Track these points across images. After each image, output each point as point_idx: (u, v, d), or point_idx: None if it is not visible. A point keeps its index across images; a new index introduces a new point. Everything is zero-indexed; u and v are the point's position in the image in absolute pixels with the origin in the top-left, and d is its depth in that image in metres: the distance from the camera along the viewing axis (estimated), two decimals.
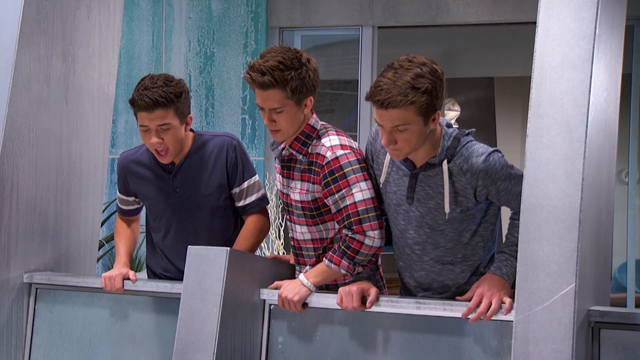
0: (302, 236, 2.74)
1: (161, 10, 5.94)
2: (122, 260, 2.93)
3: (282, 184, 2.78)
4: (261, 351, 2.64)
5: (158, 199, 2.93)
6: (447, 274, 2.58)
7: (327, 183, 2.58)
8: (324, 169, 2.59)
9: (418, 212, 2.53)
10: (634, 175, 5.83)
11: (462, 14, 5.60)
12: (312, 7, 5.81)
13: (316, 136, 2.67)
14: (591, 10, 2.21)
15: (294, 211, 2.73)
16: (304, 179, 2.66)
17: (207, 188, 2.88)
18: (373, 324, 2.52)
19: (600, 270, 2.42)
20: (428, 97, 2.32)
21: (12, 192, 2.87)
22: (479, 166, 2.41)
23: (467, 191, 2.45)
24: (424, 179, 2.50)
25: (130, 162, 2.97)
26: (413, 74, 2.32)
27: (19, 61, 2.87)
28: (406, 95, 2.30)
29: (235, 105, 5.80)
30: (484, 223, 2.55)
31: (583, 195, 2.14)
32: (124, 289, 2.82)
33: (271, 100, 2.56)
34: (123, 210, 3.08)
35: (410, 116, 2.33)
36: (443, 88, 2.38)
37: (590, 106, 2.17)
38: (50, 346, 2.96)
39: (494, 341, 2.36)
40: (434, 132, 2.45)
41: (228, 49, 5.82)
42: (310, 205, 2.67)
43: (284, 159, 2.74)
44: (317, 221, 2.70)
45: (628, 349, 2.25)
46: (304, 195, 2.67)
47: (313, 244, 2.73)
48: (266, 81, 2.52)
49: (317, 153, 2.62)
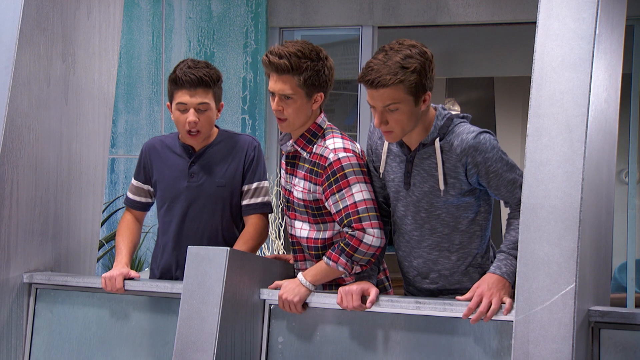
0: (301, 232, 2.77)
1: (161, 10, 5.94)
2: (123, 259, 2.91)
3: (286, 180, 2.82)
4: (261, 351, 2.64)
5: (173, 181, 2.97)
6: (444, 262, 2.59)
7: (330, 184, 2.62)
8: (327, 170, 2.63)
9: (415, 196, 2.57)
10: (634, 175, 5.83)
11: (462, 14, 5.60)
12: (312, 7, 5.81)
13: (321, 135, 2.71)
14: (591, 10, 2.21)
15: (296, 208, 2.76)
16: (307, 178, 2.70)
17: (222, 179, 2.95)
18: (373, 324, 2.52)
19: (600, 270, 2.42)
20: (417, 77, 2.40)
21: (12, 192, 2.87)
22: (469, 142, 2.45)
23: (459, 170, 2.48)
24: (419, 163, 2.55)
25: (159, 142, 3.04)
26: (402, 55, 2.40)
27: (19, 61, 2.87)
28: (395, 74, 2.39)
29: (235, 105, 5.80)
30: (482, 212, 2.57)
31: (583, 195, 2.14)
32: (125, 289, 2.81)
33: (283, 85, 2.61)
34: (133, 202, 3.06)
35: (400, 95, 2.41)
36: (432, 69, 2.46)
37: (590, 106, 2.17)
38: (50, 346, 2.96)
39: (494, 341, 2.36)
40: (426, 114, 2.51)
41: (228, 49, 5.82)
42: (312, 204, 2.71)
43: (289, 155, 2.79)
44: (319, 220, 2.73)
45: (628, 349, 2.25)
46: (306, 195, 2.71)
47: (314, 243, 2.75)
48: (282, 64, 2.59)
49: (320, 154, 2.66)
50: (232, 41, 5.82)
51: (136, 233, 3.05)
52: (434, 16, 5.63)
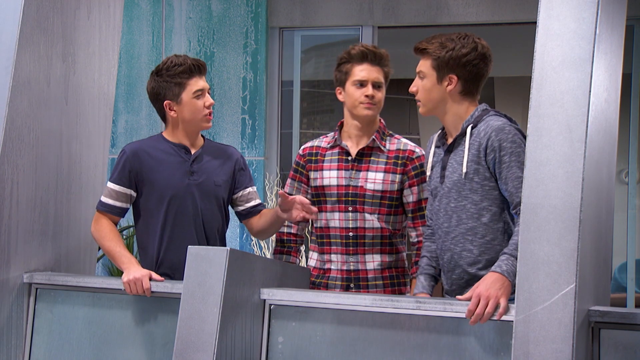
0: (369, 224, 3.02)
1: (161, 10, 5.94)
2: (133, 260, 2.86)
3: (345, 177, 3.05)
4: (261, 351, 2.64)
5: (172, 180, 3.00)
6: (467, 256, 2.62)
7: (419, 173, 3.04)
8: (414, 161, 3.05)
9: (447, 187, 2.67)
10: (634, 175, 5.83)
11: (462, 14, 5.60)
12: (312, 7, 5.81)
13: (388, 134, 3.11)
14: (591, 10, 2.21)
15: (366, 200, 3.01)
16: (388, 170, 3.03)
17: (219, 178, 3.07)
18: (373, 323, 2.52)
19: (600, 270, 2.42)
20: (446, 55, 2.61)
21: (12, 192, 2.87)
22: (494, 125, 2.57)
23: (481, 156, 2.57)
24: (453, 156, 2.66)
25: (143, 146, 3.06)
26: (457, 37, 2.64)
27: (19, 61, 2.87)
28: (431, 45, 2.64)
29: (235, 105, 5.80)
30: (506, 209, 2.61)
31: (583, 195, 2.14)
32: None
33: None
34: (113, 208, 3.00)
35: (427, 67, 2.66)
36: (471, 63, 2.63)
37: (590, 106, 2.17)
38: (50, 346, 2.96)
39: (494, 341, 2.36)
40: (458, 102, 2.67)
41: (228, 49, 5.82)
42: (393, 195, 3.02)
43: (360, 151, 3.05)
44: (391, 212, 3.04)
45: (628, 349, 2.25)
46: (387, 185, 3.02)
47: (381, 232, 3.02)
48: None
49: (402, 149, 3.05)
50: (232, 41, 5.82)
51: (120, 238, 3.01)
52: (434, 16, 5.63)
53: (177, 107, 3.01)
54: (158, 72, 3.02)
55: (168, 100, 3.00)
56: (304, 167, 3.16)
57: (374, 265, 3.03)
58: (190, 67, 3.00)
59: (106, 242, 2.94)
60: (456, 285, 2.68)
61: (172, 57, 3.05)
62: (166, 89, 3.00)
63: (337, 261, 3.05)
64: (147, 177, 3.01)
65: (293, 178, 3.18)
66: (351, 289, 3.02)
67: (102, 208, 3.02)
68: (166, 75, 2.99)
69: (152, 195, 3.01)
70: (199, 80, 3.02)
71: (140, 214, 3.06)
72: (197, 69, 3.01)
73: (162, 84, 3.00)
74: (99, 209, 3.03)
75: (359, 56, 3.03)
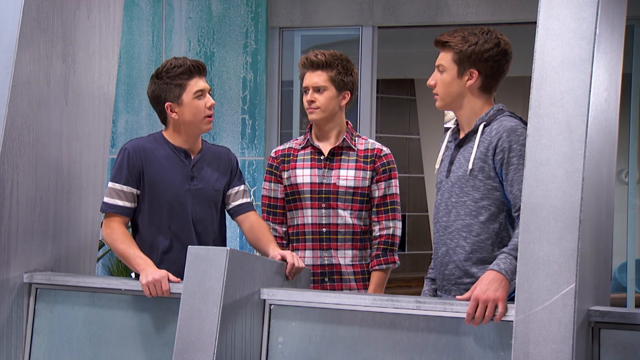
0: (342, 220, 3.16)
1: (161, 10, 5.94)
2: (148, 262, 2.81)
3: (317, 175, 3.19)
4: (261, 351, 2.64)
5: (174, 183, 2.99)
6: (460, 252, 2.62)
7: (386, 170, 3.22)
8: (382, 158, 3.23)
9: (450, 181, 2.67)
10: (634, 175, 5.83)
11: (462, 14, 5.60)
12: (312, 7, 5.81)
13: (356, 135, 3.29)
14: (591, 10, 2.21)
15: (339, 197, 3.17)
16: (359, 167, 3.20)
17: (217, 184, 3.09)
18: (373, 323, 2.52)
19: (600, 270, 2.42)
20: (469, 49, 2.60)
21: (12, 192, 2.87)
22: (507, 126, 2.57)
23: (489, 154, 2.57)
24: (462, 151, 2.66)
25: (145, 143, 3.06)
26: (480, 32, 2.63)
27: (19, 61, 2.87)
28: (454, 39, 2.62)
29: (235, 105, 5.80)
30: (506, 211, 2.60)
31: (583, 195, 2.14)
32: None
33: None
34: (123, 209, 2.95)
35: (447, 61, 2.65)
36: (493, 59, 2.61)
37: (590, 106, 2.17)
38: (50, 346, 2.96)
39: (494, 341, 2.36)
40: (475, 97, 2.66)
41: (228, 49, 5.82)
42: (365, 191, 3.19)
43: (331, 151, 3.21)
44: (363, 207, 3.20)
45: (628, 349, 2.25)
46: (359, 182, 3.18)
47: (352, 228, 3.17)
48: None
49: (370, 148, 3.23)
50: (232, 41, 5.82)
51: (133, 240, 2.96)
52: (434, 16, 5.63)
53: (178, 109, 3.00)
54: (158, 75, 3.02)
55: (169, 102, 2.99)
56: (277, 168, 3.30)
57: (346, 261, 3.18)
58: (190, 68, 3.00)
59: (119, 244, 2.89)
60: (447, 281, 2.68)
61: (172, 59, 3.05)
62: (167, 91, 2.99)
63: (311, 257, 3.18)
64: (148, 177, 2.99)
65: (269, 180, 3.31)
66: (326, 283, 3.17)
67: (112, 210, 2.95)
68: (166, 78, 2.99)
69: (151, 196, 3.00)
70: (199, 80, 3.03)
71: (139, 214, 3.04)
72: (197, 69, 3.02)
73: (162, 86, 3.00)
74: (108, 212, 2.96)
75: (302, 65, 3.27)
